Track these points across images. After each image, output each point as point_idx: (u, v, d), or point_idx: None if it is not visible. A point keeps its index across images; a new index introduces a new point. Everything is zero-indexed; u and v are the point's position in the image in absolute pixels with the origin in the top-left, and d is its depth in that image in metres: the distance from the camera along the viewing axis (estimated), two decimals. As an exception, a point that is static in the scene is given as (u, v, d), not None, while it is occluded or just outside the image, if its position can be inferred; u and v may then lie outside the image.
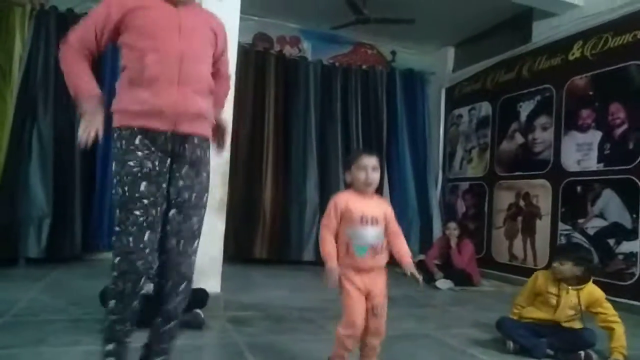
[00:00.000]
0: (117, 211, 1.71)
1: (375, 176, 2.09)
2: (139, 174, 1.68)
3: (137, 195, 1.67)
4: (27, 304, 3.16)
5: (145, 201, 1.68)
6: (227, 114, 3.54)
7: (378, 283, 2.07)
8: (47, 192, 4.78)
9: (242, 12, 3.83)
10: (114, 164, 1.73)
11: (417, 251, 6.36)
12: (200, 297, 2.92)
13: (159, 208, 1.72)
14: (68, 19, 5.08)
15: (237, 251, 5.55)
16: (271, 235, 5.84)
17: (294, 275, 5.19)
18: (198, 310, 2.85)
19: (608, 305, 2.74)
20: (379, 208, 2.12)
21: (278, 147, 6.07)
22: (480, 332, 3.17)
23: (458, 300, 4.36)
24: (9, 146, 4.71)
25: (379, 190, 7.14)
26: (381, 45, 7.02)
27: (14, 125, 4.75)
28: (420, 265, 5.18)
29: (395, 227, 2.16)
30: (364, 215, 2.04)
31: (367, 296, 2.05)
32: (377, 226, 2.06)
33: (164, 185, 1.74)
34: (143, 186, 1.68)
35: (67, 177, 4.95)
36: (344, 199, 2.09)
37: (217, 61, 1.96)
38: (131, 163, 1.68)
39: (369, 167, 2.07)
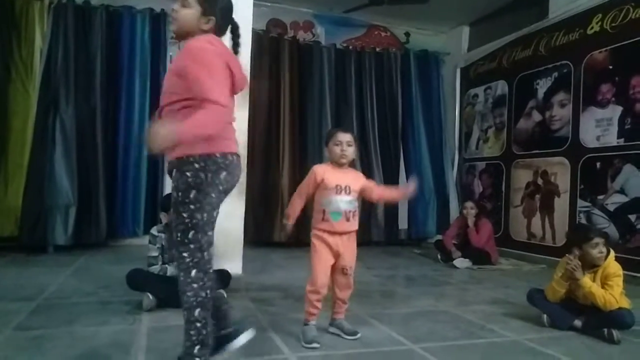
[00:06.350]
0: None
1: (349, 150, 2.40)
2: None
3: None
4: (58, 288, 3.29)
5: None
6: (244, 100, 3.61)
7: (349, 246, 2.42)
8: (72, 181, 4.91)
9: (255, -2, 3.83)
10: None
11: (434, 231, 6.38)
12: (223, 278, 3.01)
13: None
14: (85, 11, 5.18)
15: (256, 235, 5.64)
16: (289, 220, 5.91)
17: (313, 257, 5.26)
18: (221, 290, 2.93)
19: (617, 282, 2.60)
20: (355, 180, 2.44)
21: (294, 132, 6.10)
22: (499, 309, 3.20)
23: (476, 278, 4.37)
24: (34, 137, 4.86)
25: (394, 171, 7.07)
26: (395, 27, 6.95)
27: (37, 117, 4.88)
28: (438, 245, 5.22)
29: (374, 184, 2.60)
30: (339, 184, 2.36)
31: (339, 258, 2.40)
32: (349, 195, 2.38)
33: None
34: None
35: (91, 166, 5.08)
36: (321, 170, 2.41)
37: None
38: None
39: (344, 142, 2.39)
